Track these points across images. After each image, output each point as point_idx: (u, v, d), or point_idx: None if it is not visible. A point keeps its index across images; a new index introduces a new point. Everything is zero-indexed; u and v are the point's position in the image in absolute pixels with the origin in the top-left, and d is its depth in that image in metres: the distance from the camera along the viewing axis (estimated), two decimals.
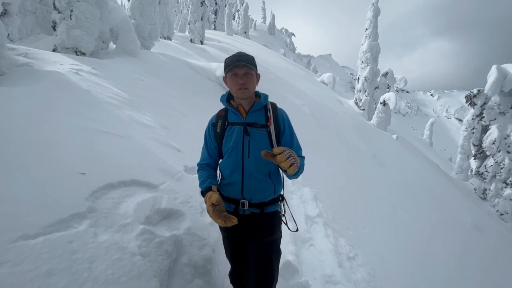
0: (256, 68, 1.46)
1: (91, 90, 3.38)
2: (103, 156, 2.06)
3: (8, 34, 5.81)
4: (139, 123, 3.18)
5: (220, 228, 1.63)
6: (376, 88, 17.21)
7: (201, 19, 16.82)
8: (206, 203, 1.34)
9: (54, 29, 5.80)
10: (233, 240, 1.58)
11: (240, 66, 1.39)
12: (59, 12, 5.60)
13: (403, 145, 12.43)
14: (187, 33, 18.50)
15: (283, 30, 50.65)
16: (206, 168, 1.54)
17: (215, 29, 28.14)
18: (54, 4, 5.65)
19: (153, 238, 1.59)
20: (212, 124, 1.55)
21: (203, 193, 1.42)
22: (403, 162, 9.94)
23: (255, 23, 43.62)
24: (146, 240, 1.56)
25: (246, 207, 1.45)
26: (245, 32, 29.66)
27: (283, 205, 1.58)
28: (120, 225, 1.56)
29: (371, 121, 14.75)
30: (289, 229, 1.57)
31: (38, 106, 2.41)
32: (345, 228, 4.37)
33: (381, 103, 14.41)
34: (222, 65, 7.48)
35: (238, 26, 30.59)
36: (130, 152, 2.34)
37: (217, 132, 1.51)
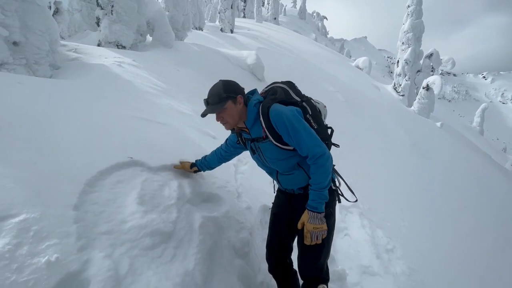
0: (227, 99, 1.42)
1: (133, 81, 3.59)
2: (147, 142, 2.19)
3: (60, 32, 6.37)
4: (177, 111, 3.31)
5: (274, 200, 1.77)
6: (418, 71, 15.81)
7: (231, 7, 16.72)
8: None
9: (98, 25, 6.21)
10: (279, 211, 1.69)
11: (208, 111, 1.46)
12: (102, 8, 5.96)
13: (449, 133, 11.38)
14: (217, 22, 18.58)
15: (315, 14, 48.38)
16: (213, 153, 1.90)
17: (244, 17, 27.84)
18: (97, 1, 6.02)
19: (195, 219, 1.67)
20: (237, 142, 1.71)
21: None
22: (448, 151, 9.14)
23: (285, 8, 42.25)
24: (189, 221, 1.65)
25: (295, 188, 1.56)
26: (275, 18, 28.91)
27: (336, 178, 1.57)
28: (165, 206, 1.65)
29: (412, 107, 13.68)
30: (346, 199, 1.60)
31: (89, 96, 2.62)
32: (382, 219, 4.19)
33: (423, 88, 13.25)
34: (253, 52, 7.46)
35: (268, 12, 29.88)
36: (171, 138, 2.46)
37: (243, 145, 1.66)
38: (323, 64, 12.69)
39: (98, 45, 6.03)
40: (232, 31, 16.47)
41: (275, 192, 1.80)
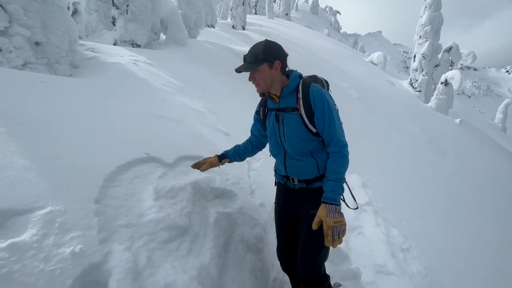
0: (263, 61, 1.36)
1: (148, 79, 3.66)
2: (163, 139, 2.23)
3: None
4: (190, 109, 3.36)
5: (275, 199, 1.70)
6: (436, 66, 15.22)
7: (243, 4, 16.65)
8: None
9: (114, 25, 6.35)
10: (282, 211, 1.63)
11: (242, 68, 1.40)
12: (117, 8, 6.09)
13: (468, 130, 10.93)
14: (229, 19, 18.60)
15: (327, 9, 47.53)
16: (244, 142, 1.80)
17: (256, 13, 27.71)
18: (113, 1, 6.15)
19: (210, 215, 1.69)
20: (257, 112, 1.65)
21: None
22: (467, 149, 8.80)
23: (297, 4, 41.67)
24: (204, 216, 1.67)
25: (296, 182, 1.50)
26: (287, 14, 28.55)
27: None
28: (180, 201, 1.68)
29: (429, 103, 13.22)
30: (347, 206, 1.48)
31: (107, 93, 2.70)
32: (397, 218, 4.09)
33: (442, 83, 12.76)
34: None
35: (279, 8, 29.56)
36: (185, 135, 2.50)
37: (261, 119, 1.61)
38: (336, 60, 12.47)
39: (114, 44, 6.18)
40: (244, 28, 16.43)
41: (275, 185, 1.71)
